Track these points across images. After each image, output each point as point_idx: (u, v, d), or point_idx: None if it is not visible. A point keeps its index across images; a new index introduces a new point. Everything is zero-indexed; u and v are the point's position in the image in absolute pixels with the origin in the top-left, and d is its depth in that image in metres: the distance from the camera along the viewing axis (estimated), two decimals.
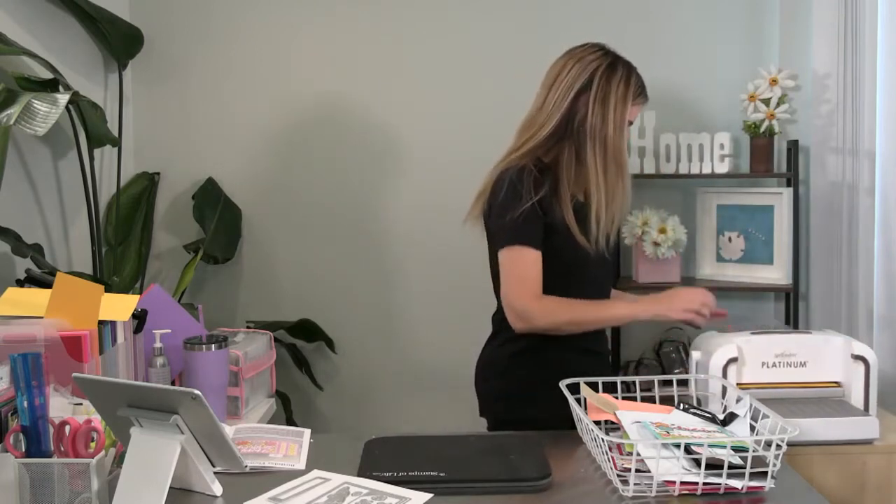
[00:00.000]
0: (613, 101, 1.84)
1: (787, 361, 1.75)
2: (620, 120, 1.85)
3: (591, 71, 1.86)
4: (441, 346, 2.90)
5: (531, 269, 1.80)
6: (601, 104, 1.84)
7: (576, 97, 1.85)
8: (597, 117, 1.84)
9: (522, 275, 1.80)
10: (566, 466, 1.49)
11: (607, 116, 1.84)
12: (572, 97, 1.85)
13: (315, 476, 1.45)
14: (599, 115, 1.84)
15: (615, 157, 1.85)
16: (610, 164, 1.84)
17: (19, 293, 1.78)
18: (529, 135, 1.89)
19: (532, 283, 1.80)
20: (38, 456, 1.32)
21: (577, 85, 1.85)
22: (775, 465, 1.35)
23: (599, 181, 1.84)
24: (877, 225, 2.38)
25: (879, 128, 2.36)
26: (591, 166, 1.84)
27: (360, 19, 2.88)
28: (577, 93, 1.85)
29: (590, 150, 1.84)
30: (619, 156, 1.86)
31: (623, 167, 1.87)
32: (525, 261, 1.80)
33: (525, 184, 1.80)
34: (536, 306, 1.79)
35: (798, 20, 2.64)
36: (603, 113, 1.84)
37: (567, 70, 1.88)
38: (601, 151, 1.84)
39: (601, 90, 1.84)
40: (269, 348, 2.11)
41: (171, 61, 2.93)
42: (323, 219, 2.95)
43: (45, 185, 2.55)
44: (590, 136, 1.84)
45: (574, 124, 1.85)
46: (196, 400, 1.26)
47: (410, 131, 2.89)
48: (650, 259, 2.66)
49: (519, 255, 1.80)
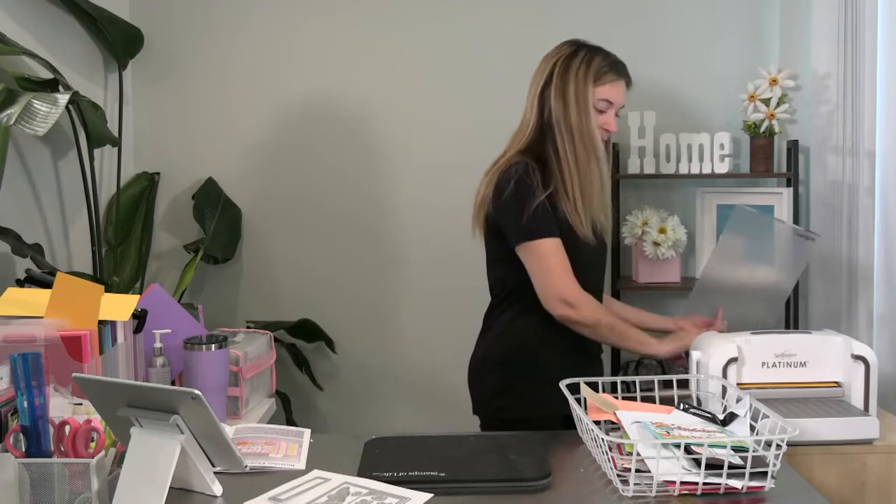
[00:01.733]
0: (574, 86, 1.90)
1: (787, 361, 1.75)
2: (584, 102, 1.89)
3: (551, 65, 1.93)
4: (441, 346, 2.90)
5: (563, 258, 1.86)
6: (561, 93, 1.90)
7: (541, 93, 1.92)
8: (558, 107, 1.89)
9: (558, 264, 1.86)
10: (566, 466, 1.49)
11: (568, 102, 1.89)
12: (538, 94, 1.92)
13: (315, 476, 1.45)
14: (560, 102, 1.89)
15: (583, 141, 1.89)
16: (579, 149, 1.88)
17: (19, 293, 1.78)
18: (515, 140, 1.96)
19: (570, 270, 1.86)
20: (38, 456, 1.32)
21: (541, 81, 1.93)
22: (775, 465, 1.35)
23: (571, 167, 1.88)
24: (877, 225, 2.38)
25: (879, 128, 2.37)
26: (561, 154, 1.89)
27: (360, 19, 2.88)
28: (542, 89, 1.92)
29: (559, 139, 1.89)
30: (589, 139, 1.89)
31: (595, 149, 1.90)
32: (557, 250, 1.86)
33: (533, 179, 1.85)
34: (583, 296, 1.86)
35: (798, 20, 2.64)
36: (564, 100, 1.89)
37: (537, 71, 1.96)
38: (568, 138, 1.89)
39: (560, 79, 1.91)
40: (269, 348, 2.11)
41: (171, 61, 2.93)
42: (323, 219, 2.95)
43: (45, 185, 2.55)
44: (558, 126, 1.89)
45: (545, 120, 1.91)
46: (196, 400, 1.26)
47: (411, 132, 2.89)
48: (650, 259, 2.66)
49: (547, 246, 1.86)
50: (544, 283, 1.86)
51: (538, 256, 1.86)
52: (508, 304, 1.96)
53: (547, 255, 1.85)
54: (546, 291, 1.86)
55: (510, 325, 1.95)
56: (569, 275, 1.86)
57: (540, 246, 1.85)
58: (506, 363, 1.95)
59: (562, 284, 1.85)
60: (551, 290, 1.86)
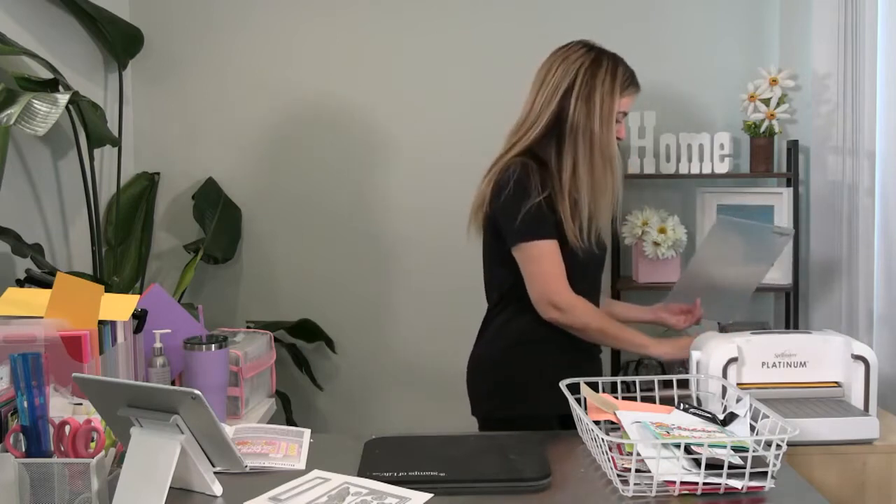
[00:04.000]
0: (599, 96, 1.88)
1: (787, 361, 1.75)
2: (608, 114, 1.88)
3: (575, 69, 1.90)
4: (441, 346, 2.90)
5: (558, 261, 1.85)
6: (585, 101, 1.88)
7: (563, 97, 1.89)
8: (580, 114, 1.87)
9: (551, 267, 1.85)
10: (566, 466, 1.49)
11: (592, 112, 1.87)
12: (560, 97, 1.89)
13: (315, 476, 1.45)
14: (584, 111, 1.87)
15: (602, 152, 1.88)
16: (597, 159, 1.87)
17: (19, 293, 1.78)
18: (517, 137, 1.93)
19: (563, 273, 1.86)
20: (38, 456, 1.32)
21: (563, 84, 1.89)
22: (775, 465, 1.35)
23: (586, 177, 1.87)
24: (877, 225, 2.38)
25: (879, 128, 2.37)
26: (578, 163, 1.87)
27: (359, 20, 2.88)
28: (564, 92, 1.89)
29: (577, 146, 1.87)
30: (607, 150, 1.89)
31: (611, 161, 1.89)
32: (551, 252, 1.85)
33: (532, 179, 1.84)
34: (574, 299, 1.86)
35: (798, 20, 2.64)
36: (588, 109, 1.87)
37: (553, 71, 1.92)
38: (587, 146, 1.87)
39: (585, 86, 1.88)
40: (269, 348, 2.11)
41: (171, 61, 2.93)
42: (323, 219, 2.95)
43: (45, 185, 2.55)
44: (576, 132, 1.87)
45: (562, 123, 1.89)
46: (196, 400, 1.26)
47: (411, 132, 2.89)
48: (650, 259, 2.66)
49: (542, 249, 1.85)
50: (535, 285, 1.86)
51: (531, 258, 1.86)
52: (505, 305, 1.96)
53: (540, 257, 1.85)
54: (536, 294, 1.87)
55: (506, 326, 1.95)
56: (560, 278, 1.85)
57: (534, 248, 1.85)
58: (501, 363, 1.95)
59: (552, 288, 1.85)
60: (541, 292, 1.86)
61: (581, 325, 1.86)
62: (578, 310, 1.85)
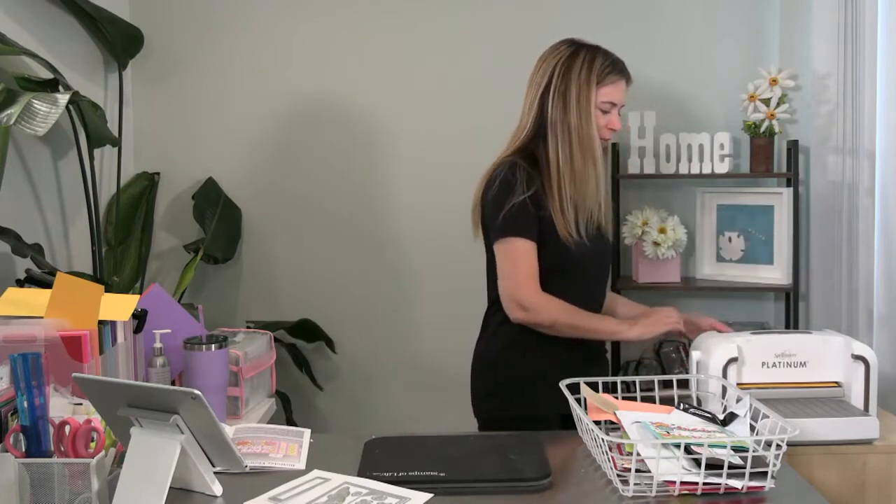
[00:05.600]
0: (575, 88, 1.89)
1: (787, 361, 1.75)
2: (585, 105, 1.89)
3: (552, 66, 1.92)
4: (441, 346, 2.90)
5: (530, 261, 1.85)
6: (561, 96, 1.89)
7: (542, 95, 1.91)
8: (557, 109, 1.89)
9: (522, 266, 1.85)
10: (566, 466, 1.49)
11: (568, 105, 1.88)
12: (539, 96, 1.92)
13: (315, 476, 1.45)
14: (560, 106, 1.89)
15: (581, 144, 1.88)
16: (576, 151, 1.88)
17: (19, 293, 1.78)
18: (514, 139, 1.97)
19: (533, 274, 1.86)
20: (38, 456, 1.32)
21: (542, 83, 1.92)
22: (775, 465, 1.35)
23: (567, 169, 1.88)
24: (877, 225, 2.38)
25: (879, 128, 2.37)
26: (559, 156, 1.88)
27: (360, 20, 2.88)
28: (543, 91, 1.91)
29: (557, 141, 1.89)
30: (588, 141, 1.89)
31: (591, 152, 1.89)
32: (525, 252, 1.85)
33: (517, 178, 1.85)
34: (540, 299, 1.85)
35: (798, 20, 2.64)
36: (564, 103, 1.89)
37: (536, 71, 1.96)
38: (566, 140, 1.88)
39: (561, 82, 1.90)
40: (269, 348, 2.11)
41: (171, 61, 2.93)
42: (323, 219, 2.95)
43: (45, 185, 2.55)
44: (556, 128, 1.89)
45: (544, 121, 1.91)
46: (196, 400, 1.26)
47: (411, 131, 2.89)
48: (650, 259, 2.66)
49: (517, 247, 1.85)
50: (504, 282, 1.88)
51: (505, 255, 1.87)
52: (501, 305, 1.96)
53: (513, 256, 1.86)
54: (503, 293, 1.88)
55: (502, 326, 1.95)
56: (530, 278, 1.85)
57: (510, 245, 1.86)
58: (498, 363, 1.96)
59: (520, 287, 1.85)
60: (508, 291, 1.87)
61: (549, 322, 1.86)
62: (544, 308, 1.85)
